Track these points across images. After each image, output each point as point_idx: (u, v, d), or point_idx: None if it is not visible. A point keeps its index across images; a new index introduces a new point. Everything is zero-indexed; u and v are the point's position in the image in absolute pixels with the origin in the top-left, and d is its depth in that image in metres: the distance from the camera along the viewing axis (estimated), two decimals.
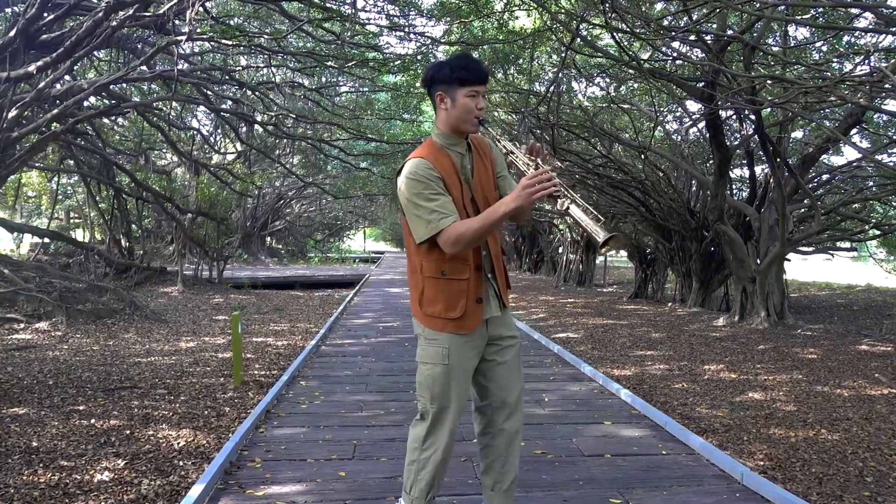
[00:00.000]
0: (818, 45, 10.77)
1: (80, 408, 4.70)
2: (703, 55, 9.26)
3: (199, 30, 9.81)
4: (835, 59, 10.11)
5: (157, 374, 5.88)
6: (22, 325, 8.09)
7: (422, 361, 2.40)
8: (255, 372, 6.10)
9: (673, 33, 7.68)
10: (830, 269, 21.33)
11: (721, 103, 9.03)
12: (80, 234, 22.20)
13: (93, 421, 4.38)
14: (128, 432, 4.17)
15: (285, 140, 19.11)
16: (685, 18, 8.75)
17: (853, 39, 10.22)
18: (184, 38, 8.40)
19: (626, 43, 8.23)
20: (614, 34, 7.58)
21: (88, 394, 5.09)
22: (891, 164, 12.14)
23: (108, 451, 3.83)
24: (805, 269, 20.51)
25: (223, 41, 9.30)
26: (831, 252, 14.20)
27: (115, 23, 8.39)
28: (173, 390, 5.29)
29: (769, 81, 8.82)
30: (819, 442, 4.16)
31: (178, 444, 3.97)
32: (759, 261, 9.98)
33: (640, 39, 7.64)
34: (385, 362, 6.13)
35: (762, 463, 3.74)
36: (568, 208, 2.08)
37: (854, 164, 11.82)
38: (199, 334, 8.42)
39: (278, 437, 3.95)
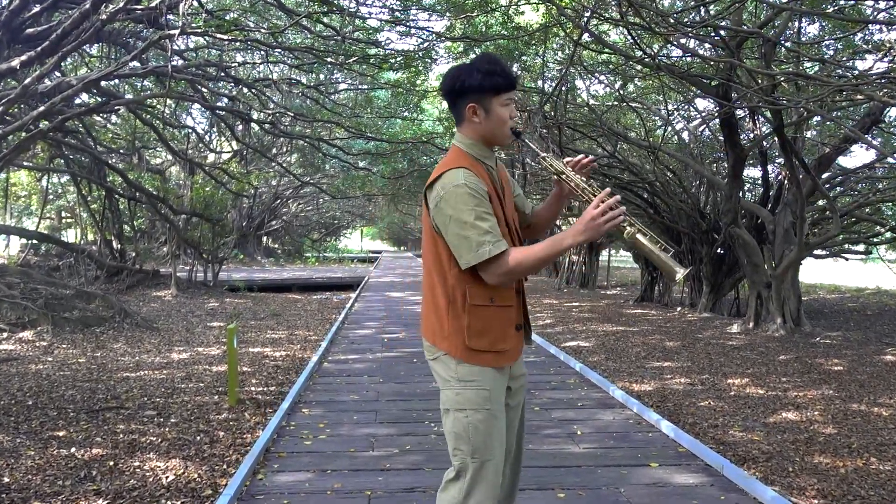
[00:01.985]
0: (831, 41, 10.42)
1: (61, 433, 4.31)
2: (717, 52, 8.90)
3: (193, 24, 9.40)
4: (846, 56, 9.77)
5: (146, 391, 5.49)
6: (5, 335, 7.68)
7: (457, 408, 2.01)
8: (252, 388, 5.71)
9: (690, 28, 7.30)
10: (837, 270, 21.01)
11: (739, 101, 8.68)
12: (71, 235, 21.76)
13: (73, 450, 3.99)
14: (111, 463, 3.78)
15: (282, 139, 18.69)
16: (695, 16, 8.40)
17: (866, 36, 9.90)
18: (177, 32, 7.98)
19: (637, 39, 7.86)
20: (629, 30, 7.21)
21: (70, 416, 4.69)
22: None
23: (87, 487, 3.44)
24: (812, 270, 20.18)
25: (218, 36, 8.87)
26: (844, 255, 13.86)
27: (104, 16, 7.98)
28: (163, 411, 4.90)
29: (783, 80, 8.45)
30: (871, 473, 3.79)
31: (167, 478, 3.58)
32: (773, 264, 9.62)
33: (658, 35, 7.26)
34: (394, 383, 5.63)
35: (816, 501, 3.38)
36: (635, 237, 1.88)
37: (874, 164, 11.47)
38: (193, 343, 8.02)
39: (280, 486, 3.42)
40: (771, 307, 9.41)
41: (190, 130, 16.36)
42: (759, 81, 7.80)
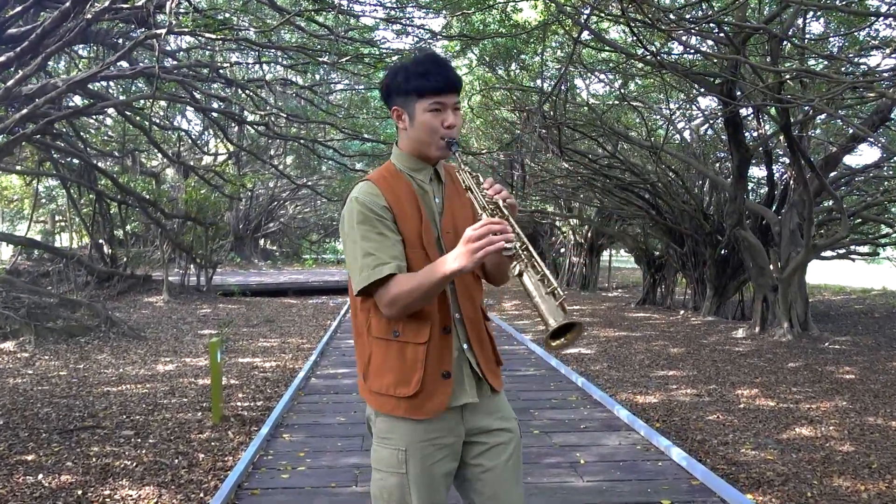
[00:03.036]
0: (836, 38, 10.17)
1: (29, 457, 4.05)
2: (720, 49, 8.64)
3: (182, 23, 9.13)
4: (852, 53, 9.52)
5: (126, 408, 5.22)
6: None
7: (375, 467, 1.76)
8: (239, 403, 5.45)
9: (693, 24, 7.04)
10: (842, 270, 20.70)
11: (744, 99, 8.42)
12: (66, 239, 21.49)
13: (40, 476, 3.72)
14: (79, 492, 3.52)
15: (278, 140, 18.40)
16: (698, 11, 8.13)
17: (871, 32, 9.66)
18: (163, 31, 7.72)
19: (638, 36, 7.60)
20: (630, 26, 6.95)
21: (42, 437, 4.43)
22: None
23: None
24: (816, 271, 19.86)
25: (206, 35, 8.61)
26: (851, 256, 13.59)
27: (89, 15, 7.72)
28: (142, 430, 4.63)
29: (789, 77, 8.19)
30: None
31: None
32: (780, 266, 9.36)
33: (660, 31, 7.00)
34: None
35: None
36: (521, 275, 1.53)
37: (881, 163, 11.21)
38: (181, 353, 7.75)
39: None
40: (777, 311, 9.15)
41: (183, 133, 16.08)
42: (765, 79, 7.54)
